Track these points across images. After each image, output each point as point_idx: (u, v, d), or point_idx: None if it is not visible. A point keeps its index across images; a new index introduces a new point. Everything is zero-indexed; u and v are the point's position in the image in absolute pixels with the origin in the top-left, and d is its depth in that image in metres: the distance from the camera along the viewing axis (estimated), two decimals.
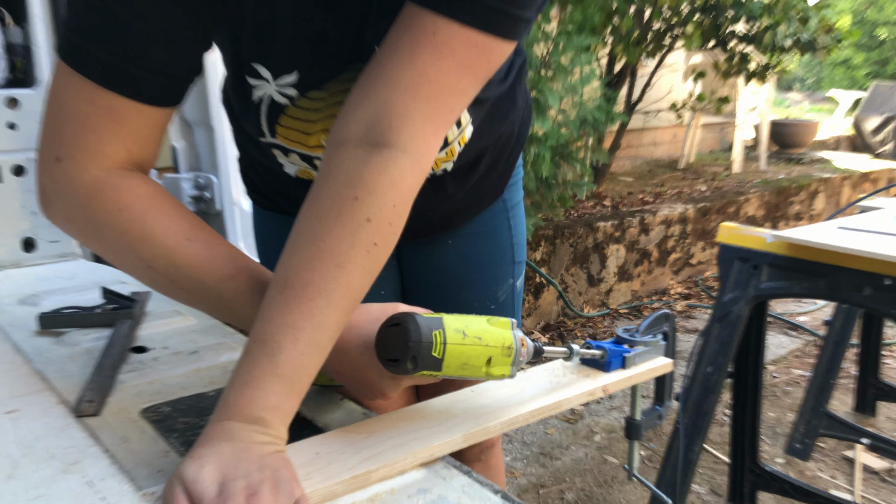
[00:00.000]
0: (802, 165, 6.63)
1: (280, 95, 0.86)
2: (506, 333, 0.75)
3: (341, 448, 0.71)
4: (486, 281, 1.19)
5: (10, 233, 1.48)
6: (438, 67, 0.72)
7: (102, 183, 0.74)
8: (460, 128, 0.95)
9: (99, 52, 0.71)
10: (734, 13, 3.96)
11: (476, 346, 0.72)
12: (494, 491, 0.69)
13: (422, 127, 0.73)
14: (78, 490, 0.66)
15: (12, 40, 1.48)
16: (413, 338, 0.69)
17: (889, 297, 1.44)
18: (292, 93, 0.86)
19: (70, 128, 0.73)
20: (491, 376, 0.75)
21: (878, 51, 14.04)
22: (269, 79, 0.85)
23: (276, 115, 0.88)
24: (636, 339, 0.93)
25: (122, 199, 0.74)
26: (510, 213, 1.19)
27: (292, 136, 0.90)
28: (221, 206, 1.85)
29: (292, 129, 0.89)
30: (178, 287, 0.77)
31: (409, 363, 0.70)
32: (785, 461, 2.50)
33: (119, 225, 0.74)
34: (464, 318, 0.74)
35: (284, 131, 0.90)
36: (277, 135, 0.91)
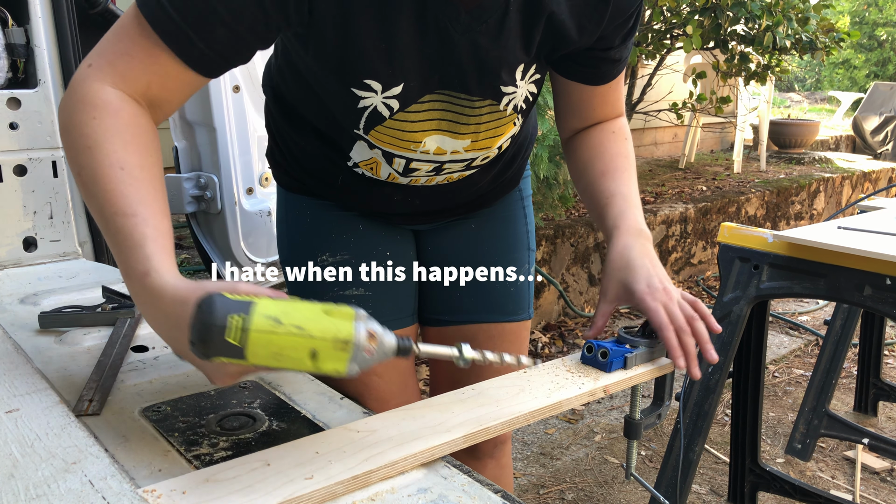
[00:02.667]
0: (803, 165, 6.63)
1: (384, 107, 0.96)
2: (342, 325, 0.67)
3: (342, 447, 0.71)
4: (504, 263, 1.26)
5: (11, 232, 1.49)
6: None
7: (102, 94, 0.80)
8: (517, 125, 1.07)
9: (173, 12, 0.79)
10: (734, 14, 3.95)
11: (293, 337, 0.65)
12: (495, 490, 0.69)
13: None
14: (78, 489, 0.66)
15: (14, 41, 1.48)
16: (200, 320, 0.64)
17: (889, 296, 1.44)
18: (394, 104, 0.96)
19: (113, 48, 0.82)
20: (322, 370, 0.66)
21: (877, 51, 14.04)
22: (378, 91, 0.94)
23: (375, 124, 0.99)
24: (637, 339, 0.93)
25: (102, 111, 0.79)
26: (524, 203, 1.29)
27: (386, 140, 1.02)
28: (222, 206, 1.85)
29: (387, 136, 1.01)
30: (91, 202, 0.79)
31: (197, 346, 0.64)
32: (785, 461, 2.50)
33: (84, 127, 0.79)
34: (289, 305, 0.67)
35: (379, 136, 1.01)
36: (370, 136, 1.01)
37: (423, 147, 1.03)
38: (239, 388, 0.90)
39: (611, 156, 1.09)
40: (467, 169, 1.11)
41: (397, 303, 1.25)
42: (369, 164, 1.09)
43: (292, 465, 0.68)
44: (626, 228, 1.03)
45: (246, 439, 0.78)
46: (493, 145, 1.07)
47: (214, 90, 1.77)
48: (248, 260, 1.91)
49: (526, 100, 1.03)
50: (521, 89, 1.00)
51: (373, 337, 0.68)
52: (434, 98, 0.98)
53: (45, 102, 1.50)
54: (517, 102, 1.02)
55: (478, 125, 1.02)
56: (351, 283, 1.21)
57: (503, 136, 1.07)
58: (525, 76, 1.00)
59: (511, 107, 1.02)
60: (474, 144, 1.05)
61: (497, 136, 1.06)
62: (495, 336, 1.28)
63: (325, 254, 1.20)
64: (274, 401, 0.87)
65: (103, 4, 1.65)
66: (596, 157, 1.10)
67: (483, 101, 0.99)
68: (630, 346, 0.92)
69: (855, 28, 13.74)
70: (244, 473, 0.67)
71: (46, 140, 1.51)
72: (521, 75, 0.99)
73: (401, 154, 1.04)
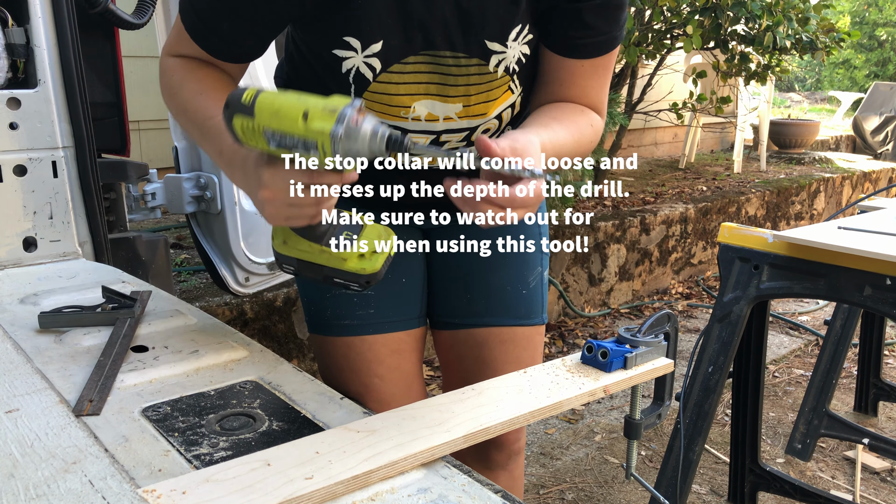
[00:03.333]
0: (803, 165, 6.63)
1: (366, 67, 0.98)
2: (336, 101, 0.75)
3: (342, 447, 0.71)
4: (517, 265, 1.25)
5: (11, 232, 1.48)
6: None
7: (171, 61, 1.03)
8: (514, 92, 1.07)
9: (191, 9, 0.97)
10: (734, 14, 3.95)
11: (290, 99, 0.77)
12: (495, 490, 0.69)
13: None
14: (78, 489, 0.66)
15: (14, 41, 1.48)
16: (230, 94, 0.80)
17: (889, 296, 1.44)
18: (376, 64, 0.98)
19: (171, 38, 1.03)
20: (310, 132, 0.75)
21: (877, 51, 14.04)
22: (357, 49, 0.97)
23: (362, 89, 1.01)
24: (638, 339, 0.93)
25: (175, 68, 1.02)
26: (540, 205, 1.25)
27: (376, 108, 1.04)
28: (222, 206, 1.85)
29: (376, 103, 1.03)
30: (188, 123, 1.01)
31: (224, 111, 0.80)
32: (785, 461, 2.50)
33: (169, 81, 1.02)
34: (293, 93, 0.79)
35: (369, 104, 1.03)
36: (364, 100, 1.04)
37: (414, 113, 1.03)
38: (239, 388, 0.90)
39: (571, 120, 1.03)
40: (469, 143, 1.10)
41: (401, 303, 1.24)
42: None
43: (292, 465, 0.68)
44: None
45: (246, 439, 0.78)
46: (489, 111, 1.06)
47: None
48: (249, 260, 1.91)
49: (519, 62, 1.02)
50: (513, 50, 1.00)
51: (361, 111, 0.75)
52: (419, 59, 0.98)
53: (45, 102, 1.50)
54: (508, 63, 1.01)
55: (467, 86, 1.01)
56: None
57: (499, 101, 1.06)
58: (518, 37, 0.99)
59: (502, 68, 1.00)
60: (467, 110, 1.04)
61: (491, 101, 1.05)
62: (507, 340, 1.26)
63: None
64: (274, 401, 0.87)
65: (103, 4, 1.65)
66: (558, 109, 1.04)
67: (470, 59, 0.99)
68: (630, 346, 0.92)
69: (855, 28, 13.73)
70: (244, 473, 0.67)
71: (46, 140, 1.51)
72: (514, 35, 0.98)
73: (393, 125, 1.04)
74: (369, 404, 1.22)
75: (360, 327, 1.22)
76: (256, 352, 1.02)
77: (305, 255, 0.90)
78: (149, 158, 3.48)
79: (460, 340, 1.29)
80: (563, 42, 1.02)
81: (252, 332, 2.57)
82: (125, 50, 1.86)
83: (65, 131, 1.53)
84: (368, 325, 1.22)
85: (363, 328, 1.22)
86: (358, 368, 1.23)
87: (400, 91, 1.01)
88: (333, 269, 0.89)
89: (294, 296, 2.72)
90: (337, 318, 1.22)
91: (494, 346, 1.26)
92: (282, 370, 0.96)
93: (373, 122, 0.75)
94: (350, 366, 1.23)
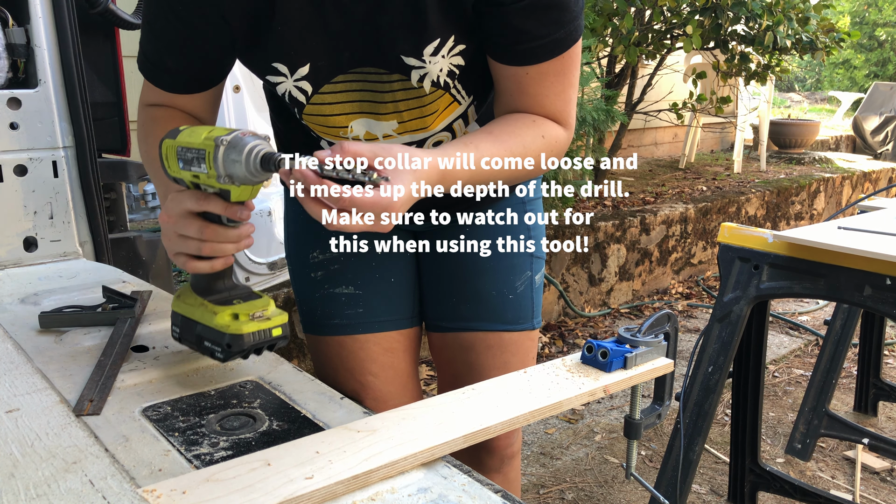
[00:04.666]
0: (803, 165, 6.63)
1: (297, 91, 0.99)
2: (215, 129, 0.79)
3: (342, 447, 0.71)
4: (502, 270, 1.22)
5: (12, 232, 1.49)
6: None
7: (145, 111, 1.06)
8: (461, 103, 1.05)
9: (141, 53, 1.02)
10: (734, 13, 3.95)
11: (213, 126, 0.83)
12: (495, 490, 0.69)
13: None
14: (78, 489, 0.66)
15: (14, 41, 1.48)
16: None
17: (889, 296, 1.44)
18: (307, 87, 0.99)
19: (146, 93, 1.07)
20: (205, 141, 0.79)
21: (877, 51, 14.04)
22: (287, 74, 0.98)
23: (300, 110, 1.03)
24: (638, 339, 0.93)
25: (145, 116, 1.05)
26: (527, 207, 1.24)
27: (317, 129, 1.06)
28: None
29: (316, 124, 1.05)
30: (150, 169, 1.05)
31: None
32: (785, 461, 2.50)
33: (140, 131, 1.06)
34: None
35: (311, 125, 1.06)
36: (309, 124, 1.07)
37: (353, 133, 1.03)
38: (239, 388, 0.90)
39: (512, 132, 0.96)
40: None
41: (391, 303, 1.24)
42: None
43: (292, 464, 0.68)
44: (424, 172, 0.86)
45: (246, 439, 0.78)
46: (430, 125, 1.04)
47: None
48: (249, 260, 1.91)
49: (451, 74, 0.98)
50: (436, 65, 0.95)
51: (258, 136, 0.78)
52: (348, 78, 0.98)
53: (46, 102, 1.50)
54: (434, 78, 0.97)
55: (395, 103, 1.00)
56: (340, 280, 1.21)
57: (441, 114, 1.04)
58: (440, 51, 0.94)
59: (427, 83, 0.97)
60: (403, 126, 1.03)
61: (429, 116, 1.03)
62: (493, 345, 1.25)
63: (315, 251, 1.22)
64: (274, 401, 0.87)
65: (104, 4, 1.65)
66: (499, 123, 0.98)
67: (391, 75, 0.97)
68: (630, 346, 0.92)
69: (855, 28, 13.73)
70: (244, 473, 0.67)
71: (47, 140, 1.51)
72: (432, 50, 0.94)
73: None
74: (367, 402, 1.22)
75: (350, 327, 1.22)
76: None
77: (188, 309, 0.89)
78: None
79: (449, 344, 1.28)
80: (499, 50, 0.95)
81: None
82: (125, 50, 1.86)
83: (65, 131, 1.53)
84: (359, 325, 1.22)
85: (353, 328, 1.22)
86: (352, 367, 1.23)
87: (335, 111, 1.01)
88: (203, 324, 0.86)
89: (294, 296, 2.73)
90: (327, 317, 1.23)
91: (481, 351, 1.25)
92: (282, 370, 0.96)
93: (257, 141, 0.76)
94: (344, 364, 1.24)
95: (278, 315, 0.86)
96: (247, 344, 0.83)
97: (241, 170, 0.76)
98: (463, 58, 0.97)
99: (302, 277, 1.25)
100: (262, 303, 0.86)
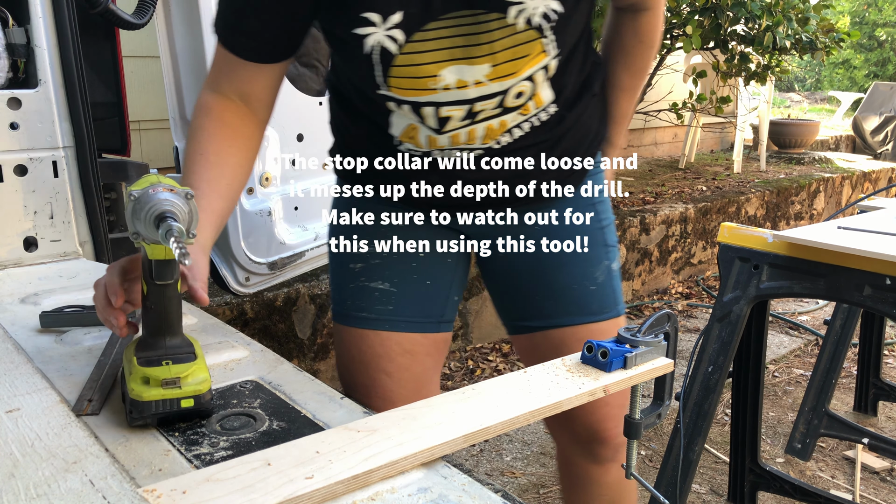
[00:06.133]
0: (803, 165, 6.63)
1: (389, 40, 0.98)
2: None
3: (342, 447, 0.71)
4: (580, 262, 1.23)
5: (12, 232, 1.49)
6: None
7: (203, 98, 1.07)
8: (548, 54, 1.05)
9: (219, 17, 1.03)
10: (734, 14, 3.95)
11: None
12: (495, 490, 0.69)
13: None
14: (79, 489, 0.66)
15: (14, 41, 1.48)
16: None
17: (889, 296, 1.44)
18: (399, 36, 0.98)
19: (213, 60, 1.08)
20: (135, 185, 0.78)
21: (877, 51, 14.04)
22: (377, 23, 0.97)
23: (388, 65, 1.01)
24: (638, 338, 0.93)
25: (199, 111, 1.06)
26: (595, 200, 1.25)
27: (404, 83, 1.03)
28: None
29: (403, 78, 1.02)
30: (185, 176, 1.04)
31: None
32: (785, 461, 2.50)
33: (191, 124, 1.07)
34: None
35: (397, 81, 1.02)
36: (391, 87, 1.03)
37: (443, 82, 1.02)
38: (239, 388, 0.90)
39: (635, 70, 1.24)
40: (504, 113, 1.08)
41: (422, 305, 1.25)
42: (409, 135, 1.10)
43: (292, 464, 0.68)
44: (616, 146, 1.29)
45: (246, 439, 0.78)
46: (519, 71, 1.04)
47: None
48: (249, 260, 1.91)
49: (547, 17, 1.00)
50: (535, 1, 0.98)
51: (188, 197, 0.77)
52: (440, 24, 0.98)
53: (46, 102, 1.50)
54: (530, 15, 0.99)
55: (491, 43, 1.00)
56: (377, 275, 1.22)
57: (530, 61, 1.04)
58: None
59: (522, 20, 0.99)
60: (496, 70, 1.03)
61: (520, 59, 1.03)
62: (584, 338, 1.25)
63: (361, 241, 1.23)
64: (274, 401, 0.87)
65: (104, 4, 1.65)
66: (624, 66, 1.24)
67: (489, 14, 0.98)
68: (630, 346, 0.92)
69: (855, 28, 13.73)
70: (244, 473, 0.67)
71: (47, 140, 1.51)
72: None
73: (425, 100, 1.04)
74: (374, 400, 1.21)
75: (376, 321, 1.23)
76: (257, 352, 1.02)
77: (124, 361, 0.84)
78: (149, 158, 3.48)
79: (539, 343, 1.28)
80: None
81: (252, 332, 2.57)
82: (125, 50, 1.86)
83: (65, 131, 1.53)
84: (385, 321, 1.23)
85: (379, 323, 1.23)
86: (367, 362, 1.24)
87: (426, 59, 1.00)
88: (124, 380, 0.82)
89: (294, 296, 2.73)
90: (357, 309, 1.24)
91: (573, 346, 1.24)
92: (282, 370, 0.96)
93: (167, 197, 0.75)
94: (361, 357, 1.24)
95: (198, 384, 0.80)
96: (147, 412, 0.78)
97: (142, 228, 0.75)
98: (562, 3, 1.00)
99: (340, 266, 1.26)
100: (184, 368, 0.80)
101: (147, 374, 0.79)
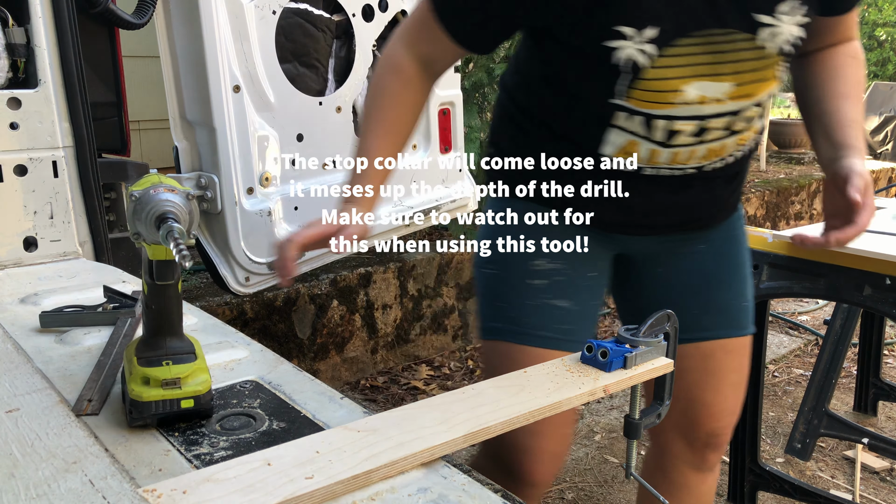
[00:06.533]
0: (803, 165, 6.63)
1: (640, 54, 1.00)
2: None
3: (342, 447, 0.71)
4: (740, 280, 1.29)
5: (12, 232, 1.49)
6: None
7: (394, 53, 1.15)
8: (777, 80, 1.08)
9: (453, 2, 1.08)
10: None
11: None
12: (494, 490, 0.69)
13: None
14: (79, 489, 0.66)
15: (14, 41, 1.48)
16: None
17: (889, 296, 1.44)
18: (651, 50, 0.99)
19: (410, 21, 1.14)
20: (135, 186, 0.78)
21: (877, 51, 14.04)
22: (631, 36, 0.99)
23: (636, 77, 1.02)
24: (638, 338, 0.93)
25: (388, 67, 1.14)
26: (741, 221, 1.31)
27: (646, 96, 1.04)
28: (222, 206, 1.85)
29: (647, 91, 1.03)
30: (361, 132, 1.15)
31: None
32: (785, 461, 2.50)
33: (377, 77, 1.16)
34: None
35: (639, 93, 1.03)
36: (630, 97, 1.04)
37: (685, 97, 1.03)
38: (239, 388, 0.90)
39: (852, 82, 1.19)
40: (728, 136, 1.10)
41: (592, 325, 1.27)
42: (625, 151, 1.10)
43: (292, 464, 0.68)
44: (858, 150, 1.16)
45: (246, 439, 0.78)
46: (758, 93, 1.06)
47: (214, 90, 1.77)
48: (249, 259, 1.91)
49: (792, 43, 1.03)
50: (786, 25, 1.00)
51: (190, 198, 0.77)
52: (691, 41, 1.00)
53: (46, 102, 1.50)
54: (780, 42, 1.02)
55: (738, 63, 1.02)
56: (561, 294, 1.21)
57: (765, 84, 1.06)
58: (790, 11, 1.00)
59: (772, 42, 1.01)
60: (739, 89, 1.04)
61: (759, 83, 1.05)
62: (732, 350, 1.30)
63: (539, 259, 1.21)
64: (274, 401, 0.87)
65: (104, 4, 1.65)
66: (836, 77, 1.18)
67: (739, 34, 1.00)
68: (630, 346, 0.92)
69: None
70: (244, 473, 0.67)
71: (47, 140, 1.51)
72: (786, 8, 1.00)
73: (662, 113, 1.05)
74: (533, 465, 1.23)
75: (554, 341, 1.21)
76: (256, 352, 1.02)
77: (125, 361, 0.84)
78: (149, 158, 3.48)
79: (686, 354, 1.29)
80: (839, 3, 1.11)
81: (252, 332, 2.58)
82: (125, 50, 1.86)
83: (65, 131, 1.53)
84: (563, 341, 1.21)
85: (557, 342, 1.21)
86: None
87: (673, 74, 1.02)
88: (125, 380, 0.81)
89: (294, 296, 2.73)
90: (536, 328, 1.21)
91: (721, 357, 1.29)
92: (282, 370, 0.96)
93: (168, 198, 0.74)
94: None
95: (198, 384, 0.80)
96: (147, 412, 0.78)
97: (143, 228, 0.74)
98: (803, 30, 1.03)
99: (515, 283, 1.23)
100: (185, 369, 0.80)
101: (147, 374, 0.79)
